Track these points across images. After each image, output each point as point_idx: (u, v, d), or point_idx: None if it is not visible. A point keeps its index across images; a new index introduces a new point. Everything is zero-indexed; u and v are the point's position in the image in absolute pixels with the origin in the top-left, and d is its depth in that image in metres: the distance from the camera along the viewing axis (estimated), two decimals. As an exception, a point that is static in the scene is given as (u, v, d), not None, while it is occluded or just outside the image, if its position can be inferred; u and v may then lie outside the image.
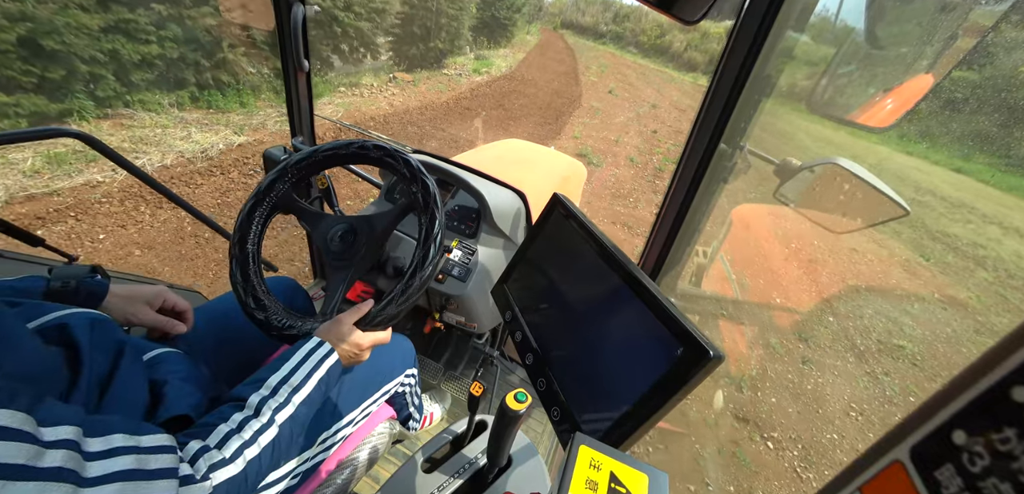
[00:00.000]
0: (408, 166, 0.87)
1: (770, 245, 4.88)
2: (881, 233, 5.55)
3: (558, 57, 16.99)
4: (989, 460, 0.20)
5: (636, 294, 0.60)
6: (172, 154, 4.72)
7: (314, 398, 0.67)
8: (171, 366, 0.69)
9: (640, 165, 7.34)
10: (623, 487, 0.43)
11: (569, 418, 0.63)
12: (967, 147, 9.37)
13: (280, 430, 0.60)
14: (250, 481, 0.55)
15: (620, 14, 25.91)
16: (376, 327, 0.80)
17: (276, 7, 1.35)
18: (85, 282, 0.73)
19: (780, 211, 5.18)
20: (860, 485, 0.26)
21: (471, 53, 13.77)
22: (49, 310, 0.59)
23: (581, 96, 11.49)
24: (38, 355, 0.49)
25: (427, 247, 0.81)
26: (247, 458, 0.54)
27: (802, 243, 5.03)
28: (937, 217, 6.52)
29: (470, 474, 0.83)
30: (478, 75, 11.66)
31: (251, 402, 0.60)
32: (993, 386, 0.20)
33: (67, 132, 1.16)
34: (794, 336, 3.54)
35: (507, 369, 1.77)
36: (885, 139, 10.18)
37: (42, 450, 0.36)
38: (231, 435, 0.55)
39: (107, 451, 0.41)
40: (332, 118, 3.64)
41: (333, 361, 0.71)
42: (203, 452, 0.51)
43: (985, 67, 9.20)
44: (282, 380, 0.64)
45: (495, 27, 15.96)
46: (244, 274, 0.85)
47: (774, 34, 0.82)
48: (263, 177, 0.95)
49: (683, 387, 0.50)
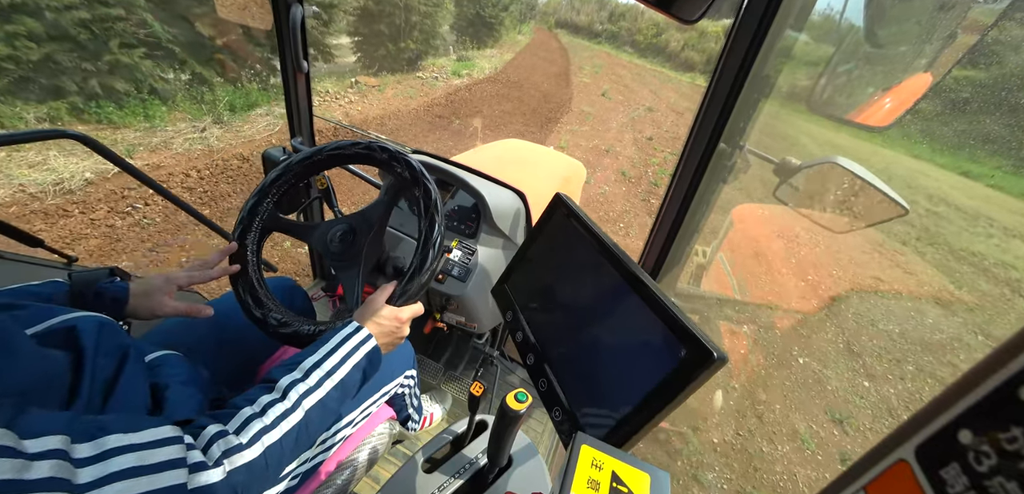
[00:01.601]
0: (383, 150, 0.89)
1: (770, 245, 4.77)
2: (905, 257, 5.23)
3: (549, 58, 16.14)
4: (996, 459, 0.20)
5: (639, 295, 0.60)
6: (8, 188, 3.56)
7: (348, 384, 0.65)
8: (172, 370, 0.68)
9: (633, 180, 6.55)
10: (625, 486, 0.43)
11: (570, 418, 0.63)
12: (972, 148, 9.19)
13: (307, 415, 0.58)
14: (271, 467, 0.53)
15: (616, 13, 25.83)
16: (407, 301, 0.79)
17: (275, 8, 1.35)
18: (106, 287, 0.73)
19: (780, 211, 5.12)
20: (865, 484, 0.26)
21: (454, 54, 13.08)
22: (57, 313, 0.58)
23: (571, 100, 10.70)
24: (35, 363, 0.48)
25: (430, 219, 0.82)
26: (266, 444, 0.53)
27: (820, 275, 4.49)
28: (957, 232, 6.12)
29: (470, 474, 0.83)
30: (458, 78, 10.73)
31: (280, 384, 0.59)
32: (1000, 386, 0.20)
33: (67, 133, 1.16)
34: (827, 418, 2.88)
35: (507, 369, 1.76)
36: (888, 141, 9.98)
37: (28, 462, 0.35)
38: (252, 419, 0.53)
39: (100, 454, 0.40)
40: (330, 118, 3.56)
41: (371, 346, 0.70)
42: (220, 436, 0.50)
43: (991, 66, 9.06)
44: (316, 364, 0.63)
45: (480, 26, 15.12)
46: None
47: (773, 33, 0.82)
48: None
49: (686, 388, 0.50)
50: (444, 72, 10.95)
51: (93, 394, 0.53)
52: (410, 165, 0.87)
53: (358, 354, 0.68)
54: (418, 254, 0.81)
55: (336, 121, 2.41)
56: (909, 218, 6.00)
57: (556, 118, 9.08)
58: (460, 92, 9.60)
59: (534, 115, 9.00)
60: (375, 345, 0.71)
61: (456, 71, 11.16)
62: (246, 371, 0.96)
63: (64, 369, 0.52)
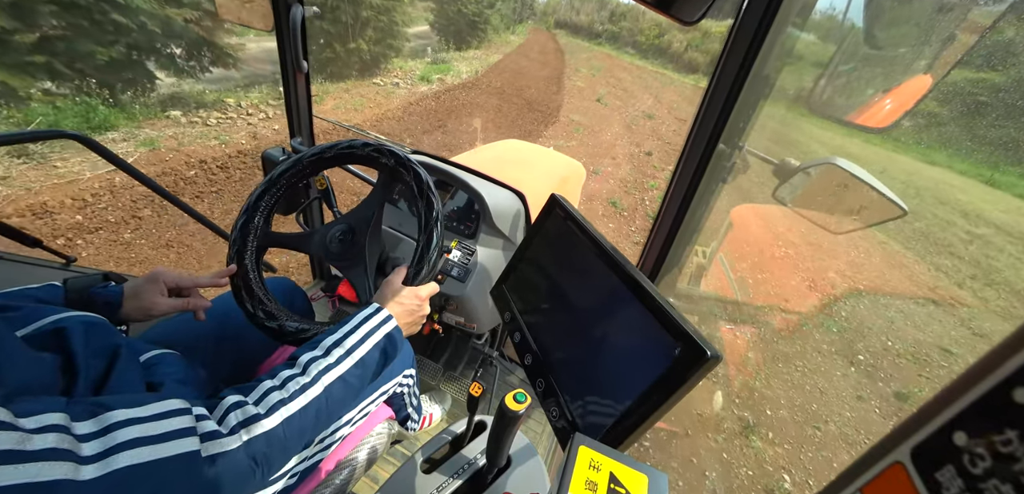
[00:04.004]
0: (365, 146, 0.90)
1: (771, 248, 4.65)
2: (968, 306, 4.23)
3: (541, 60, 14.56)
4: (990, 461, 0.20)
5: (634, 294, 0.60)
6: None
7: (368, 362, 0.66)
8: (167, 368, 0.68)
9: (626, 212, 5.14)
10: (623, 487, 0.43)
11: (568, 418, 0.63)
12: (990, 153, 8.75)
13: (327, 390, 0.59)
14: (289, 439, 0.53)
15: (617, 13, 25.49)
16: (422, 280, 0.81)
17: (275, 8, 1.35)
18: (99, 292, 0.73)
19: (781, 211, 5.02)
20: (861, 486, 0.26)
21: (428, 57, 11.61)
22: (44, 314, 0.58)
23: (561, 108, 9.28)
24: (27, 366, 0.48)
25: (428, 201, 0.83)
26: (284, 415, 0.53)
27: (871, 346, 3.49)
28: (1011, 261, 5.29)
29: (469, 474, 0.83)
30: (427, 84, 9.19)
31: (301, 360, 0.59)
32: (995, 388, 0.20)
33: (67, 133, 1.16)
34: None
35: (506, 369, 1.77)
36: (902, 146, 9.52)
37: (27, 435, 0.35)
38: (271, 391, 0.54)
39: (103, 428, 0.40)
40: (329, 118, 3.49)
41: (391, 327, 0.70)
42: (238, 406, 0.50)
43: (1009, 68, 8.62)
44: (336, 342, 0.63)
45: (462, 25, 13.43)
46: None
47: (773, 33, 0.82)
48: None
49: (681, 387, 0.50)
50: (410, 77, 9.41)
51: (85, 395, 0.53)
52: (395, 154, 0.88)
53: (379, 333, 0.68)
54: (423, 233, 0.82)
55: (335, 121, 2.39)
56: (955, 249, 5.46)
57: (538, 132, 7.65)
58: (423, 102, 7.98)
59: (512, 128, 7.57)
60: (396, 325, 0.71)
61: (425, 76, 9.58)
62: (245, 370, 0.96)
63: (55, 371, 0.52)
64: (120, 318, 0.75)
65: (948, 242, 5.72)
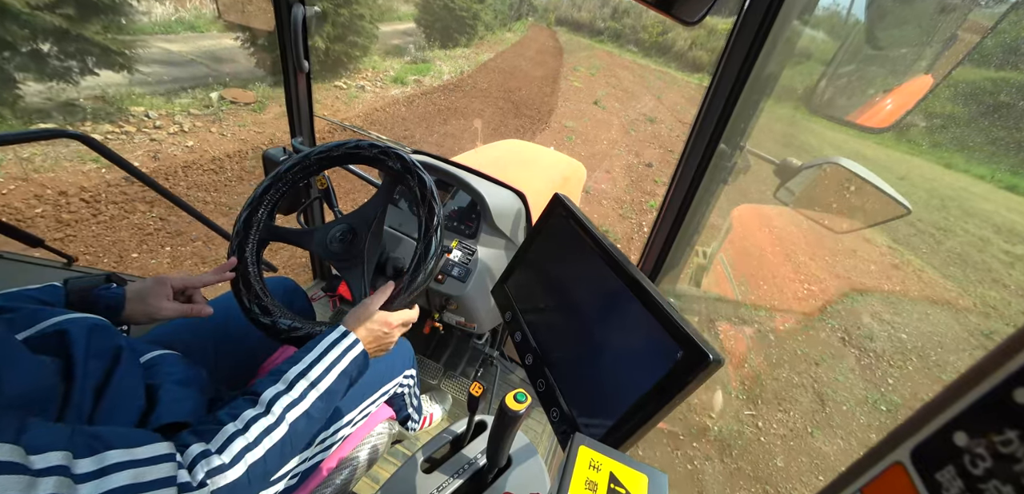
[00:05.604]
0: (372, 147, 0.90)
1: (772, 251, 4.51)
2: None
3: (537, 59, 13.61)
4: (991, 462, 0.20)
5: (637, 296, 0.60)
6: None
7: (334, 392, 0.65)
8: (167, 369, 0.68)
9: (622, 240, 4.41)
10: (622, 488, 0.43)
11: (568, 419, 0.63)
12: (1006, 156, 8.39)
13: (291, 428, 0.59)
14: (253, 484, 0.54)
15: (619, 10, 25.09)
16: (403, 305, 0.79)
17: (276, 8, 1.35)
18: (101, 294, 0.73)
19: (781, 211, 4.92)
20: (861, 487, 0.26)
21: (408, 56, 10.48)
22: (46, 316, 0.58)
23: (553, 112, 8.47)
24: (31, 371, 0.48)
25: (430, 207, 0.83)
26: (248, 462, 0.53)
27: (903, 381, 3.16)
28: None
29: (470, 474, 0.83)
30: (400, 86, 8.22)
31: (264, 398, 0.59)
32: (995, 388, 0.20)
33: (67, 133, 1.16)
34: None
35: (507, 369, 1.77)
36: (917, 148, 9.16)
37: (34, 479, 0.37)
38: (235, 437, 0.54)
39: (100, 470, 0.42)
40: (330, 118, 3.44)
41: (357, 352, 0.69)
42: (203, 457, 0.51)
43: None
44: (300, 374, 0.63)
45: (450, 22, 12.38)
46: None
47: (776, 32, 0.82)
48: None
49: (683, 390, 0.50)
50: (382, 79, 8.37)
51: (85, 398, 0.53)
52: (401, 158, 0.88)
53: (344, 361, 0.67)
54: (422, 241, 0.81)
55: (337, 121, 2.37)
56: (997, 274, 5.00)
57: (524, 140, 6.63)
58: (392, 107, 7.08)
59: (494, 136, 6.62)
60: (362, 350, 0.71)
61: (400, 77, 8.56)
62: (246, 369, 0.96)
63: (56, 375, 0.52)
64: (122, 320, 0.74)
65: (987, 265, 5.31)
